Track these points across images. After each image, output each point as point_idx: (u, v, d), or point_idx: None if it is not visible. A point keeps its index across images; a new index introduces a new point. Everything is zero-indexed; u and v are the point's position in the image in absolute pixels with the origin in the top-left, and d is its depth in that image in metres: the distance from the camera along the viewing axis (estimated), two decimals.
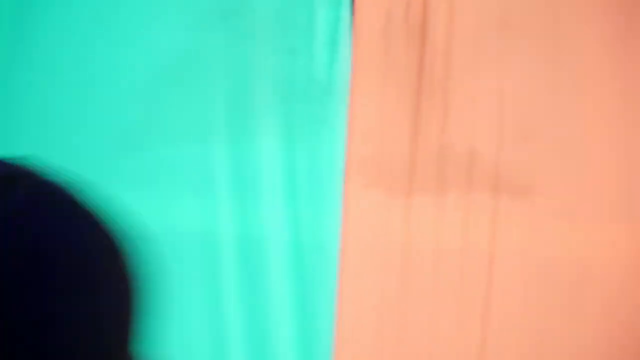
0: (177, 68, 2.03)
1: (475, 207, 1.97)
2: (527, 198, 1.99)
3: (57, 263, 0.31)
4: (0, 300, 0.29)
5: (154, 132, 2.01)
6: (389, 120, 1.99)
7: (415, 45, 2.05)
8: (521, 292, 1.98)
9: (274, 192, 1.95)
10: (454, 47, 2.03)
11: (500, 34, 2.07)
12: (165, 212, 1.96)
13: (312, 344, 1.91)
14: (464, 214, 1.97)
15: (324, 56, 2.01)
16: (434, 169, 1.98)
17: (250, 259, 1.92)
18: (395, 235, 1.95)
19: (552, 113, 2.02)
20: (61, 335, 0.29)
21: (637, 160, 2.01)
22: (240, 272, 1.92)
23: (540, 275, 2.00)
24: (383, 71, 2.02)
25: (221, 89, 2.00)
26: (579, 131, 2.02)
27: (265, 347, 1.92)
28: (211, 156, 1.98)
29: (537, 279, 2.00)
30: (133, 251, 0.37)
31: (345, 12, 2.04)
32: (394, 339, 1.93)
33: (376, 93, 2.01)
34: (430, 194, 1.98)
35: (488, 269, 1.96)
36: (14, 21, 2.02)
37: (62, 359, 0.29)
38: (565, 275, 2.00)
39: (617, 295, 1.99)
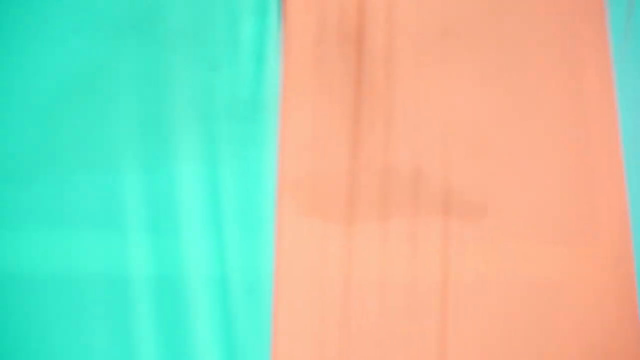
0: (80, 84, 1.75)
1: (423, 232, 1.76)
2: (479, 220, 1.80)
3: None
4: None
5: (51, 159, 1.72)
6: (324, 138, 1.77)
7: (351, 54, 1.85)
8: (479, 323, 1.78)
9: (195, 225, 1.69)
10: (394, 56, 1.84)
11: (443, 42, 1.89)
12: (66, 251, 1.66)
13: None
14: (412, 241, 1.75)
15: (250, 69, 1.78)
16: (376, 191, 1.77)
17: (168, 304, 1.64)
18: (335, 268, 1.71)
19: (501, 127, 1.85)
20: None
21: (591, 178, 1.85)
22: (157, 320, 1.64)
23: (498, 303, 1.80)
24: (317, 84, 1.81)
25: (132, 107, 1.74)
26: (529, 146, 1.85)
27: None
28: (120, 185, 1.70)
29: (494, 308, 1.80)
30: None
31: (273, 20, 1.82)
32: None
33: (310, 108, 1.79)
34: (373, 219, 1.76)
35: (441, 300, 1.75)
36: None
37: None
38: (524, 300, 1.81)
39: (577, 317, 1.81)
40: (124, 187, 1.69)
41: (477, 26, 1.92)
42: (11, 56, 1.73)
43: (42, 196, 1.67)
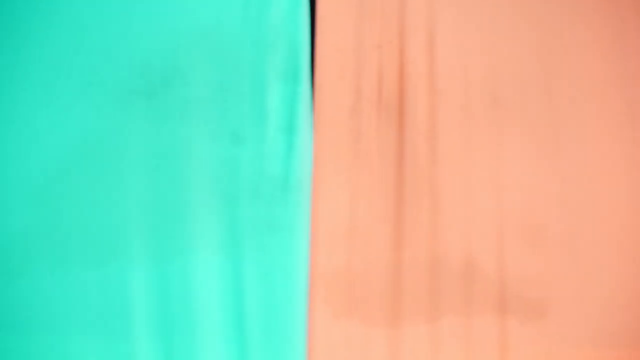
0: (83, 159, 1.52)
1: (478, 334, 1.52)
2: (539, 319, 1.55)
3: None
4: None
5: (46, 249, 1.47)
6: (363, 225, 1.53)
7: (391, 126, 1.63)
8: None
9: (214, 330, 1.43)
10: (439, 128, 1.62)
11: (492, 112, 1.67)
12: None
13: None
14: (465, 345, 1.50)
15: (278, 143, 1.56)
16: (423, 287, 1.53)
17: None
18: None
19: (561, 210, 1.62)
20: None
21: None
22: None
23: None
24: (354, 160, 1.58)
25: (142, 187, 1.50)
26: (592, 232, 1.62)
27: None
28: (126, 281, 1.45)
29: None
30: None
31: (304, 87, 1.60)
32: None
33: (346, 189, 1.56)
34: (420, 321, 1.51)
35: None
36: None
37: None
38: None
39: None
40: (131, 283, 1.43)
41: (528, 94, 1.71)
42: (7, 124, 1.49)
43: (35, 295, 1.41)
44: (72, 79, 1.54)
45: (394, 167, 1.60)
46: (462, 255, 1.54)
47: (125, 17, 1.60)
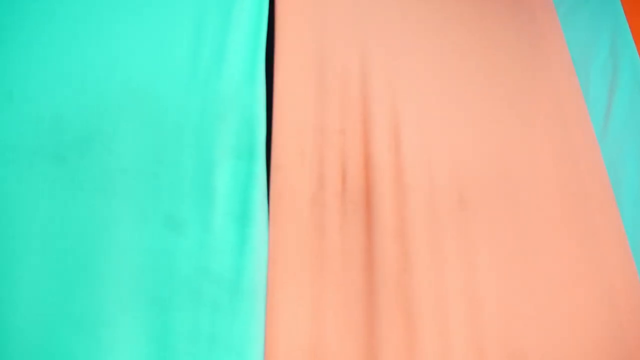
0: None
1: None
2: None
3: None
4: None
5: None
6: (328, 342, 1.21)
7: (358, 224, 1.37)
8: None
9: None
10: (408, 229, 1.40)
11: (458, 214, 1.50)
12: None
13: None
14: None
15: (228, 233, 1.22)
16: None
17: None
18: None
19: (536, 330, 1.44)
20: None
21: None
22: None
23: None
24: (316, 262, 1.28)
25: (43, 276, 1.06)
26: (568, 325, 1.46)
27: None
28: None
29: None
30: None
31: (260, 168, 1.31)
32: None
33: (307, 297, 1.24)
34: None
35: None
36: None
37: None
38: None
39: None
40: None
41: (494, 196, 1.57)
42: None
43: None
44: None
45: (362, 272, 1.33)
46: None
47: (33, 60, 1.23)
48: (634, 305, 1.56)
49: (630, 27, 1.83)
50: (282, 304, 1.19)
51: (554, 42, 1.95)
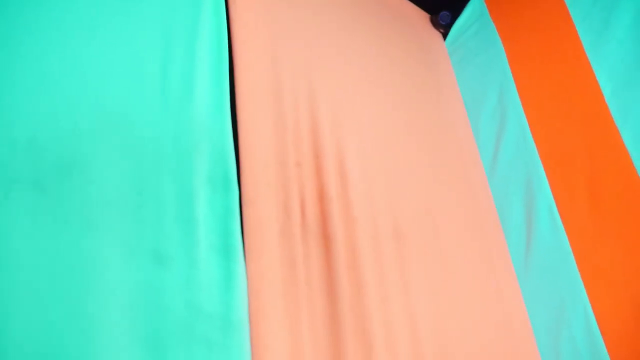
0: None
1: None
2: None
3: None
4: None
5: None
6: None
7: (320, 255, 1.46)
8: None
9: None
10: (360, 259, 1.52)
11: (394, 245, 1.67)
12: None
13: None
14: None
15: (213, 268, 1.22)
16: None
17: None
18: None
19: (459, 331, 1.67)
20: None
21: None
22: None
23: None
24: (290, 290, 1.34)
25: (24, 317, 0.98)
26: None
27: None
28: None
29: None
30: None
31: (235, 200, 1.33)
32: None
33: (285, 327, 1.30)
34: None
35: None
36: None
37: None
38: None
39: None
40: None
41: (420, 226, 1.77)
42: None
43: None
44: None
45: (327, 299, 1.42)
46: None
47: (9, 81, 1.12)
48: (518, 310, 1.86)
49: (514, 80, 2.16)
50: (265, 335, 1.23)
51: (452, 92, 2.22)
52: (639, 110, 1.81)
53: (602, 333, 1.73)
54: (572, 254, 1.86)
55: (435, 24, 2.36)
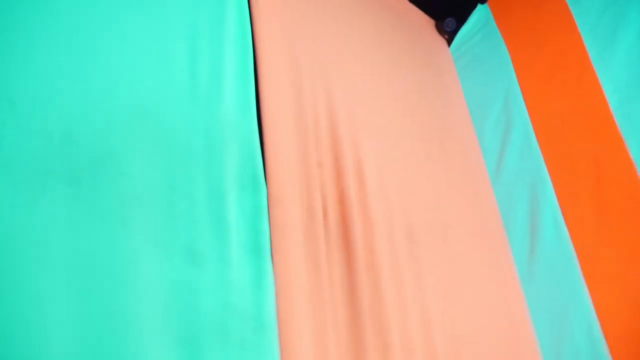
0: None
1: None
2: None
3: None
4: None
5: None
6: None
7: (341, 256, 1.46)
8: None
9: None
10: (378, 261, 1.53)
11: (409, 246, 1.68)
12: None
13: None
14: None
15: (245, 267, 1.21)
16: None
17: None
18: None
19: (468, 328, 1.68)
20: None
21: None
22: None
23: None
24: (314, 290, 1.34)
25: (63, 311, 0.95)
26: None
27: None
28: None
29: None
30: None
31: (264, 200, 1.32)
32: None
33: (310, 327, 1.29)
34: None
35: None
36: None
37: None
38: None
39: None
40: None
41: (431, 228, 1.79)
42: None
43: None
44: None
45: (348, 299, 1.41)
46: None
47: (38, 70, 1.09)
48: (521, 314, 1.89)
49: (520, 87, 2.20)
50: (292, 335, 1.22)
51: (456, 98, 2.25)
52: None
53: (605, 339, 1.76)
54: (576, 260, 1.89)
55: (441, 30, 2.38)
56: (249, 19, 1.51)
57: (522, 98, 2.17)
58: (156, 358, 1.00)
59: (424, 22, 2.43)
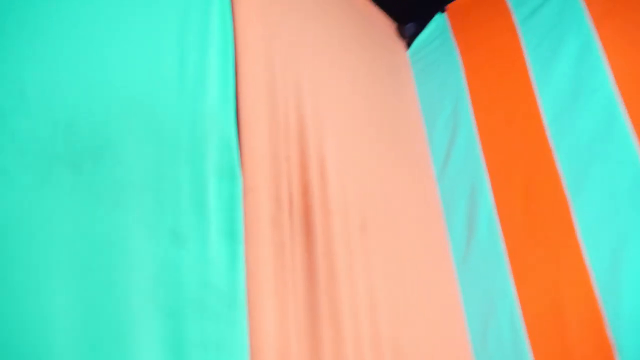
0: None
1: None
2: None
3: None
4: None
5: None
6: (290, 336, 1.47)
7: (303, 243, 1.64)
8: None
9: None
10: (334, 249, 1.72)
11: (361, 237, 1.88)
12: None
13: None
14: None
15: (222, 249, 1.38)
16: None
17: None
18: None
19: (411, 318, 1.91)
20: None
21: None
22: None
23: None
24: (280, 274, 1.52)
25: (69, 285, 1.09)
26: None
27: None
28: None
29: None
30: None
31: (239, 189, 1.48)
32: None
33: (274, 304, 1.47)
34: None
35: None
36: None
37: None
38: None
39: None
40: None
41: (382, 220, 1.99)
42: None
43: None
44: None
45: (308, 283, 1.60)
46: None
47: (45, 61, 1.20)
48: (455, 299, 2.13)
49: (469, 94, 2.41)
50: (259, 311, 1.40)
51: (411, 99, 2.45)
52: (572, 137, 2.10)
53: (525, 324, 2.03)
54: (505, 254, 2.13)
55: (401, 33, 2.56)
56: (231, 21, 1.64)
57: (469, 104, 2.39)
58: (143, 327, 1.15)
59: (386, 25, 2.60)
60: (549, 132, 2.14)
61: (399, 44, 2.61)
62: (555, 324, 1.94)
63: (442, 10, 2.57)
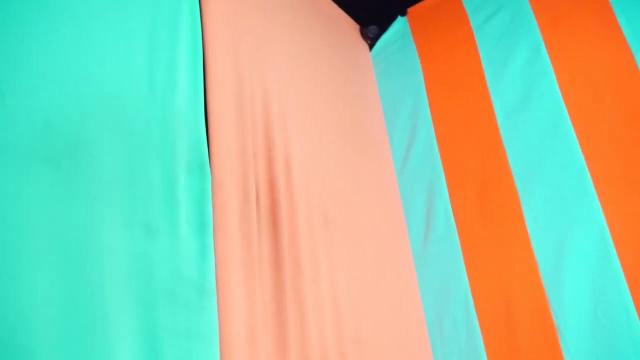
0: None
1: None
2: None
3: None
4: None
5: None
6: (257, 323, 1.56)
7: (269, 236, 1.74)
8: None
9: None
10: (299, 242, 1.82)
11: (324, 230, 1.99)
12: None
13: None
14: None
15: (192, 241, 1.46)
16: None
17: None
18: None
19: (370, 312, 2.01)
20: None
21: None
22: None
23: None
24: (247, 265, 1.61)
25: (46, 278, 1.16)
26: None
27: None
28: None
29: None
30: None
31: (209, 184, 1.57)
32: None
33: (243, 293, 1.56)
34: None
35: None
36: None
37: None
38: None
39: None
40: None
41: (344, 215, 2.10)
42: None
43: None
44: None
45: (275, 274, 1.69)
46: (320, 353, 1.73)
47: (22, 61, 1.26)
48: (413, 291, 2.25)
49: (427, 95, 2.54)
50: (228, 300, 1.48)
51: (372, 98, 2.56)
52: (521, 136, 2.24)
53: (477, 314, 2.16)
54: (460, 248, 2.26)
55: (364, 35, 2.67)
56: (200, 21, 1.72)
57: (428, 105, 2.51)
58: (118, 316, 1.22)
59: (350, 27, 2.70)
60: (501, 132, 2.28)
61: (363, 45, 2.71)
62: (504, 311, 2.08)
63: (404, 14, 2.69)
